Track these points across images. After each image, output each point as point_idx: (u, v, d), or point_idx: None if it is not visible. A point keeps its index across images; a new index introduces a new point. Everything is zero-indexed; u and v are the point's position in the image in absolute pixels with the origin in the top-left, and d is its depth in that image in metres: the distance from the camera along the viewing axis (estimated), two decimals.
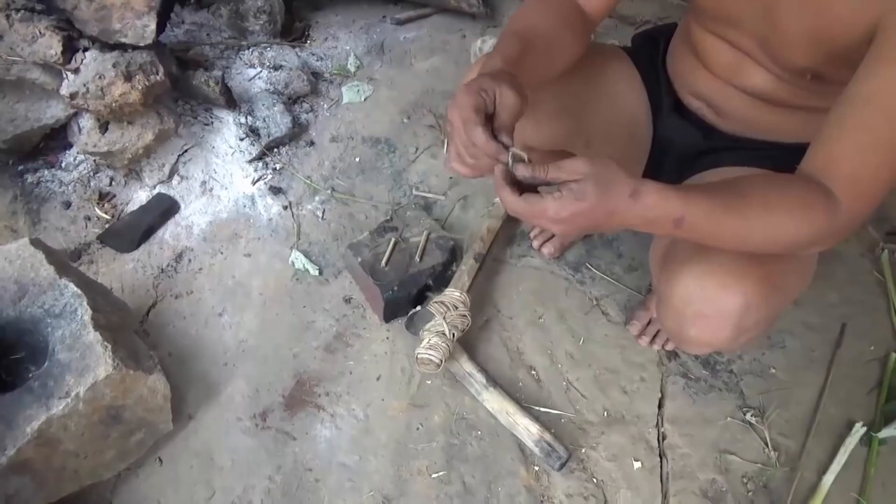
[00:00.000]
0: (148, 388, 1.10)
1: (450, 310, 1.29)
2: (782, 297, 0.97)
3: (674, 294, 0.95)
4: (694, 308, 0.93)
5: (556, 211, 0.72)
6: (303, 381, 1.34)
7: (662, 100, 1.17)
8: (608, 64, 1.18)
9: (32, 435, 0.96)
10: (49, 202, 1.53)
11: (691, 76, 1.10)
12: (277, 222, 1.59)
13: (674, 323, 0.99)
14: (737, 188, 0.81)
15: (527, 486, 1.23)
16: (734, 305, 0.90)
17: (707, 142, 1.13)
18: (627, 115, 1.18)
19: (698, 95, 1.11)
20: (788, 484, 1.25)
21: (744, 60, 0.98)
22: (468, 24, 2.14)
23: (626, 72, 1.20)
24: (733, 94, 1.04)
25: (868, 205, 0.79)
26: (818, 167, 0.80)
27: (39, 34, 1.37)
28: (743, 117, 1.06)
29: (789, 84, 0.96)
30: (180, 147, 1.62)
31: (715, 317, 0.92)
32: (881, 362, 1.43)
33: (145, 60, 1.45)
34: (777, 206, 0.79)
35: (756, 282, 0.89)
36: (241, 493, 1.19)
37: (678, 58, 1.13)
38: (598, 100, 1.14)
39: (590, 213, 0.72)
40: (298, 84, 1.83)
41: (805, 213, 0.78)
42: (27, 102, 1.50)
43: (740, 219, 0.78)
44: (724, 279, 0.89)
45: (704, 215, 0.77)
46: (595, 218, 0.73)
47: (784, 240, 0.80)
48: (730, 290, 0.89)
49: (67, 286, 1.11)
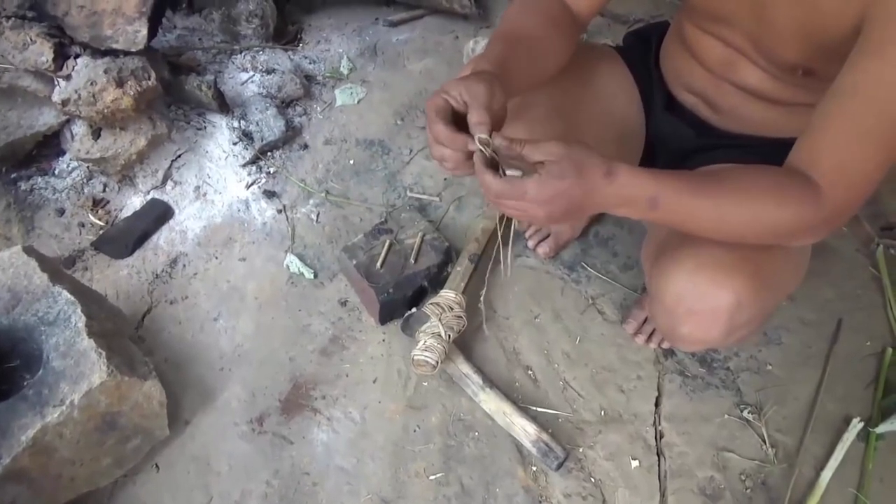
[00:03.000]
0: (143, 395, 1.10)
1: (445, 311, 1.29)
2: (774, 293, 0.97)
3: (665, 292, 0.95)
4: (685, 305, 0.93)
5: (537, 191, 0.75)
6: (299, 385, 1.33)
7: (654, 98, 1.18)
8: (600, 64, 1.18)
9: (27, 443, 0.96)
10: (43, 209, 1.53)
11: (685, 72, 1.10)
12: (272, 226, 1.58)
13: (666, 320, 0.99)
14: (713, 173, 0.83)
15: (525, 487, 1.23)
16: (725, 302, 0.90)
17: (699, 139, 1.13)
18: (620, 115, 1.18)
19: (693, 91, 1.11)
20: (786, 480, 1.25)
21: (737, 57, 0.99)
22: (461, 25, 2.14)
23: (618, 71, 1.20)
24: (728, 89, 1.04)
25: (854, 195, 0.79)
26: (802, 158, 0.81)
27: (31, 41, 1.37)
28: (737, 113, 1.07)
29: (782, 80, 0.96)
30: (173, 152, 1.62)
31: (706, 314, 0.92)
32: (877, 358, 1.44)
33: (137, 66, 1.45)
34: (753, 190, 0.80)
35: (747, 278, 0.89)
36: (238, 498, 1.19)
37: (672, 55, 1.14)
38: (591, 101, 1.15)
39: (569, 192, 0.75)
40: (291, 87, 1.83)
41: (783, 198, 0.79)
42: (19, 110, 1.50)
43: (715, 201, 0.80)
44: (715, 276, 0.90)
45: (677, 196, 0.79)
46: (574, 197, 0.76)
47: (764, 225, 0.81)
48: (721, 286, 0.89)
49: (61, 293, 1.11)
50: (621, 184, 0.77)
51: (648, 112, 1.19)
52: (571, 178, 0.75)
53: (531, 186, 0.75)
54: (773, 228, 0.81)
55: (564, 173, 0.74)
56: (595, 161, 0.76)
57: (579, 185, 0.75)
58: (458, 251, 1.46)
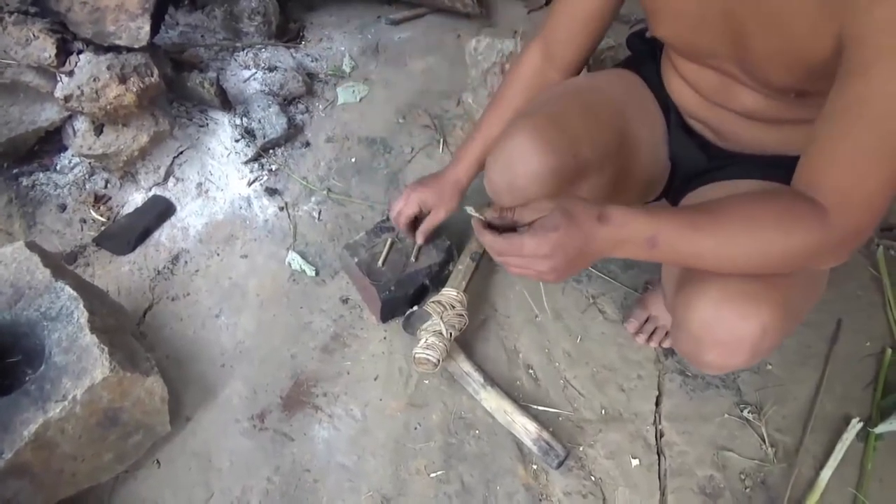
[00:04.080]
0: (145, 391, 1.10)
1: (447, 309, 1.29)
2: (798, 317, 0.94)
3: (691, 321, 0.92)
4: (711, 335, 0.90)
5: (535, 244, 0.77)
6: (300, 382, 1.33)
7: (670, 114, 1.16)
8: (630, 98, 1.16)
9: (30, 438, 0.96)
10: (44, 205, 1.53)
11: (685, 101, 1.10)
12: (274, 223, 1.59)
13: (690, 347, 0.96)
14: (713, 206, 0.82)
15: (525, 485, 1.23)
16: (752, 332, 0.87)
17: (711, 162, 1.12)
18: (653, 151, 1.17)
19: (696, 118, 1.10)
20: (786, 480, 1.26)
21: (730, 84, 0.98)
22: (463, 23, 2.14)
23: (647, 97, 1.17)
24: (726, 115, 1.04)
25: (864, 214, 0.77)
26: (805, 182, 0.79)
27: (33, 37, 1.37)
28: (740, 136, 1.06)
29: (777, 101, 0.95)
30: (175, 149, 1.62)
31: (733, 343, 0.89)
32: (877, 358, 1.44)
33: (140, 62, 1.45)
34: (758, 221, 0.79)
35: (773, 308, 0.87)
36: (239, 495, 1.19)
37: (670, 81, 1.13)
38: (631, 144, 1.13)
39: (565, 241, 0.77)
40: (293, 85, 1.83)
41: (789, 226, 0.77)
42: (21, 105, 1.50)
43: (718, 235, 0.79)
44: (744, 308, 0.87)
45: (677, 232, 0.79)
46: (572, 246, 0.77)
47: (775, 254, 0.79)
48: (747, 318, 0.87)
49: (63, 289, 1.11)
50: (617, 224, 0.78)
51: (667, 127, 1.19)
52: (564, 227, 0.76)
53: (527, 239, 0.77)
54: (784, 258, 0.80)
55: (556, 223, 0.76)
56: (585, 207, 0.78)
57: (574, 232, 0.77)
58: (460, 249, 1.46)
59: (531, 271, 0.81)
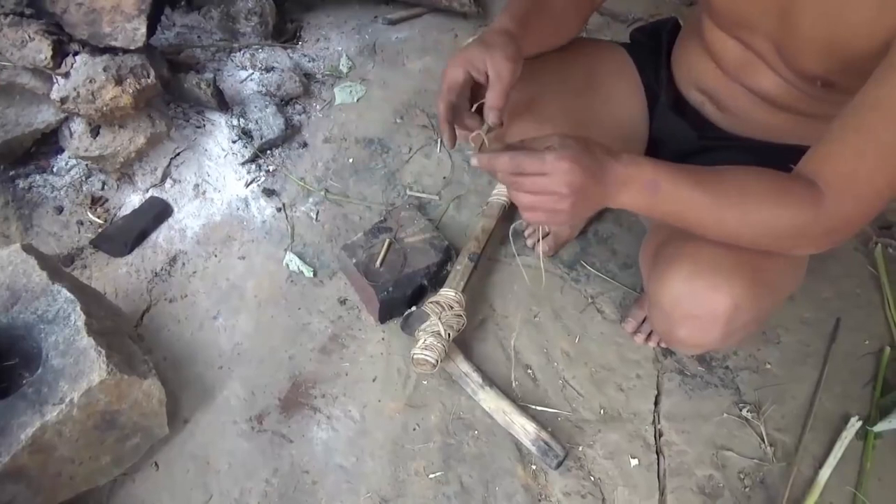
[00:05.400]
0: (143, 393, 1.10)
1: (445, 310, 1.29)
2: (773, 296, 0.96)
3: (663, 295, 0.95)
4: (683, 309, 0.93)
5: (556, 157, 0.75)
6: (298, 384, 1.33)
7: (659, 96, 1.17)
8: (610, 65, 1.17)
9: (27, 442, 0.96)
10: (41, 207, 1.52)
11: (699, 70, 1.09)
12: (271, 224, 1.58)
13: (664, 324, 0.99)
14: (713, 169, 0.83)
15: (524, 485, 1.23)
16: (723, 306, 0.89)
17: (701, 140, 1.12)
18: (626, 117, 1.18)
19: (702, 89, 1.10)
20: (785, 479, 1.25)
21: (755, 61, 0.97)
22: (460, 23, 2.13)
23: (627, 71, 1.19)
24: (740, 92, 1.03)
25: (861, 208, 0.78)
26: (812, 167, 0.80)
27: (29, 38, 1.36)
28: (746, 116, 1.06)
29: (798, 89, 0.95)
30: (172, 150, 1.62)
31: (704, 318, 0.92)
32: (876, 356, 1.44)
33: (136, 64, 1.45)
34: (753, 187, 0.80)
35: (745, 282, 0.89)
36: (238, 497, 1.19)
37: (687, 50, 1.12)
38: (600, 103, 1.14)
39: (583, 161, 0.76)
40: (291, 85, 1.82)
41: (783, 198, 0.79)
42: (17, 107, 1.50)
43: (713, 195, 0.81)
44: (713, 280, 0.89)
45: (675, 184, 0.80)
46: (589, 171, 0.77)
47: (762, 223, 0.80)
48: (719, 291, 0.89)
49: (60, 291, 1.11)
50: (624, 162, 0.80)
51: (652, 112, 1.19)
52: (581, 149, 0.77)
53: (547, 154, 0.76)
54: (770, 228, 0.81)
55: (568, 144, 0.77)
56: (593, 141, 0.80)
57: (589, 157, 0.77)
58: (458, 250, 1.46)
59: (545, 198, 0.78)
